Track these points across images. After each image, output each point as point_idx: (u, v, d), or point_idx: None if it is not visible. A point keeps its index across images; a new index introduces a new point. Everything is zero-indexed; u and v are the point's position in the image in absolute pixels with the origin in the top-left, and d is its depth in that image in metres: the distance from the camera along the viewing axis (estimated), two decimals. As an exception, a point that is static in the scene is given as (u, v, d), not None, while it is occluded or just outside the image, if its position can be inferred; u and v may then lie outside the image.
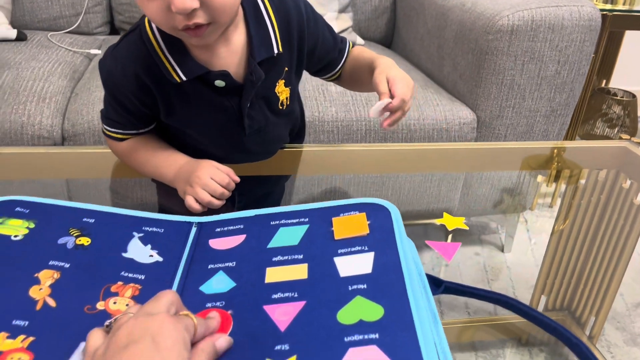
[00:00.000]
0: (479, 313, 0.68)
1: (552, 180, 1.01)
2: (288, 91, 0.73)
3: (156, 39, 0.64)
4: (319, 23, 0.73)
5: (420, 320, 0.42)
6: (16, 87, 1.09)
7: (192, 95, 0.66)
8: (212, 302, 0.47)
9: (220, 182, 0.64)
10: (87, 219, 0.56)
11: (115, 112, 0.69)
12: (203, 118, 0.69)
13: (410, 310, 0.43)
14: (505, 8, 1.13)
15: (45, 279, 0.47)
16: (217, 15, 0.57)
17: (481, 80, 1.18)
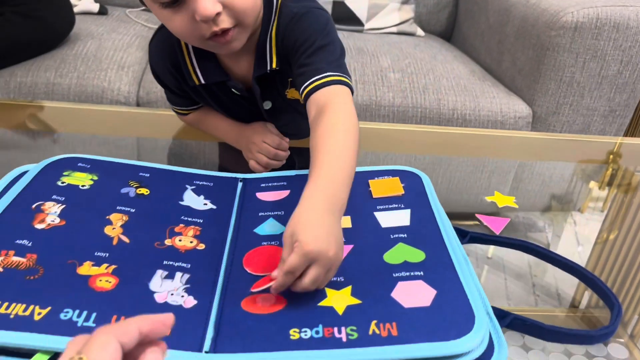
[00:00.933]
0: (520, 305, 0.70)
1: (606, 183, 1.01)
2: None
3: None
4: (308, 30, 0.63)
5: (458, 263, 0.47)
6: (99, 56, 1.18)
7: (218, 94, 0.71)
8: (268, 242, 0.52)
9: (271, 143, 0.70)
10: (143, 174, 0.62)
11: (170, 94, 0.76)
12: (231, 110, 0.74)
13: (449, 254, 0.48)
14: (570, 5, 1.13)
15: (116, 220, 0.53)
16: (240, 16, 0.57)
17: (540, 76, 1.19)
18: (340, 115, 0.55)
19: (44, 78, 1.12)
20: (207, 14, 0.54)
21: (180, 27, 0.57)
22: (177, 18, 0.56)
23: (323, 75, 0.58)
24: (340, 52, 0.63)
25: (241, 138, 0.74)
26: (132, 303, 0.43)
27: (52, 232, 0.50)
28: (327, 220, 0.44)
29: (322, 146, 0.51)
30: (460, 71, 1.29)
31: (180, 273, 0.47)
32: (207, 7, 0.53)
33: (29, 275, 0.44)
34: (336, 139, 0.52)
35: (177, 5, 0.55)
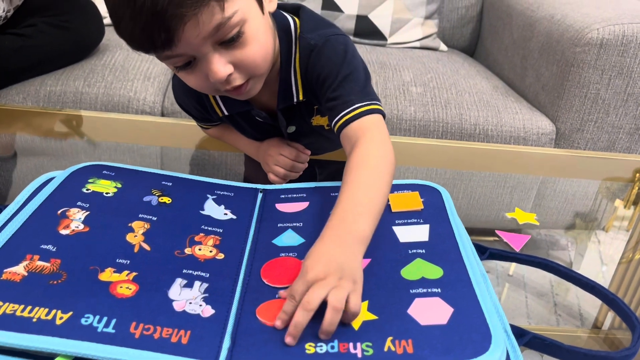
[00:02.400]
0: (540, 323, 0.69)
1: (631, 201, 0.99)
2: (327, 118, 0.70)
3: None
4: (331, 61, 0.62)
5: (475, 280, 0.47)
6: (126, 66, 1.21)
7: (240, 121, 0.72)
8: (285, 253, 0.53)
9: (289, 156, 0.71)
10: (166, 183, 0.63)
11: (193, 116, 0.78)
12: (255, 133, 0.75)
13: (466, 272, 0.48)
14: (596, 21, 1.12)
15: (138, 228, 0.54)
16: (252, 71, 0.57)
17: (564, 92, 1.18)
18: (371, 147, 0.56)
19: (72, 87, 1.15)
20: (219, 77, 0.54)
21: (196, 85, 0.59)
22: (191, 77, 0.57)
23: (352, 108, 0.59)
24: (365, 77, 0.62)
25: (260, 151, 0.75)
26: (151, 310, 0.44)
27: (75, 238, 0.51)
28: (337, 250, 0.45)
29: (349, 180, 0.53)
30: (482, 86, 1.29)
31: (199, 282, 0.48)
32: (218, 72, 0.54)
33: (53, 280, 0.45)
34: (364, 172, 0.53)
35: (190, 67, 0.56)
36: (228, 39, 0.53)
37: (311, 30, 0.64)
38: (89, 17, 1.25)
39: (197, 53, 0.53)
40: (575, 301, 0.89)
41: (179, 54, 0.53)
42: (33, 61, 1.15)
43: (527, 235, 0.69)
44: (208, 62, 0.54)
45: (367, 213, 0.49)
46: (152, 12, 0.48)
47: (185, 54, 0.53)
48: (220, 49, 0.54)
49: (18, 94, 1.14)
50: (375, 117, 0.59)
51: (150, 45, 0.52)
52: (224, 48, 0.54)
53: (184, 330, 0.42)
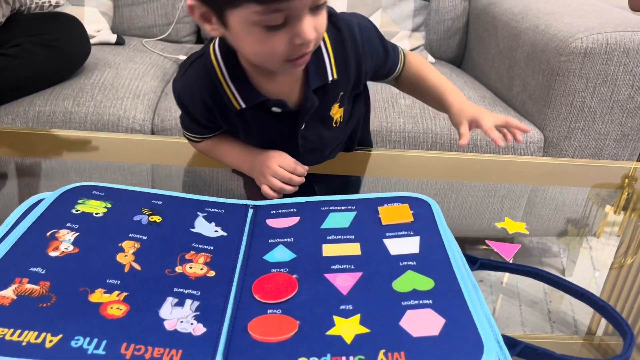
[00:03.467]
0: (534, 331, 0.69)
1: (621, 207, 1.00)
2: (342, 111, 0.76)
3: (220, 68, 0.68)
4: (373, 43, 0.74)
5: (467, 290, 0.47)
6: (115, 85, 1.21)
7: (251, 119, 0.72)
8: (277, 268, 0.52)
9: (287, 168, 0.71)
10: (156, 201, 0.63)
11: (190, 123, 0.77)
12: (261, 138, 0.75)
13: (457, 282, 0.48)
14: (579, 31, 1.14)
15: (128, 248, 0.54)
16: (318, 39, 0.61)
17: (551, 101, 1.19)
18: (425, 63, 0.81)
19: (62, 107, 1.15)
20: (310, 38, 0.58)
21: (274, 49, 0.59)
22: (274, 40, 0.58)
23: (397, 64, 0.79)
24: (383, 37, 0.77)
25: (255, 163, 0.74)
26: (142, 330, 0.43)
27: (65, 260, 0.51)
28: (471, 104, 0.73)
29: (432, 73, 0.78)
30: (470, 96, 1.30)
31: (190, 300, 0.48)
32: (309, 32, 0.57)
33: (42, 302, 0.45)
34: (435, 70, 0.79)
35: (278, 29, 0.57)
36: (320, 4, 0.58)
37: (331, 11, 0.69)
38: (74, 35, 1.25)
39: (300, 12, 0.56)
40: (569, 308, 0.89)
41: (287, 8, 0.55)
42: (20, 81, 1.15)
43: (517, 245, 0.70)
44: (302, 24, 0.57)
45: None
46: None
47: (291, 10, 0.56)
48: (311, 14, 0.57)
49: (7, 115, 1.14)
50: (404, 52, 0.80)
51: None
52: (312, 13, 0.57)
53: (175, 350, 0.42)
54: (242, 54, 0.66)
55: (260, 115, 0.71)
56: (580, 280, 1.02)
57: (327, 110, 0.72)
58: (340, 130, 0.80)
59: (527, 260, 1.16)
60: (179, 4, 1.62)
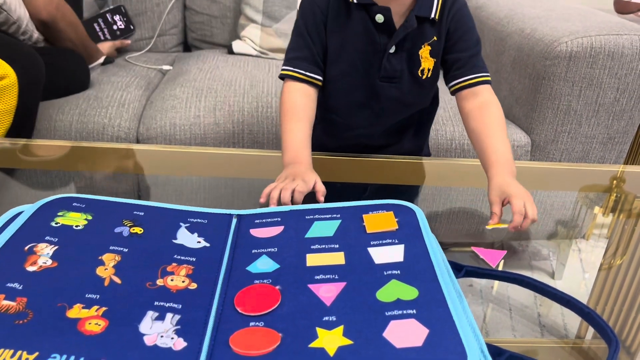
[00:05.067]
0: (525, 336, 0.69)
1: (610, 209, 1.00)
2: (432, 62, 0.82)
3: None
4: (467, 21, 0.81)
5: (451, 299, 0.47)
6: (99, 96, 1.20)
7: (354, 21, 0.78)
8: (260, 280, 0.52)
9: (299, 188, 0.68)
10: (137, 212, 0.62)
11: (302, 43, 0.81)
12: (353, 48, 0.80)
13: (442, 291, 0.48)
14: (564, 34, 1.15)
15: (109, 261, 0.53)
16: None
17: (537, 105, 1.19)
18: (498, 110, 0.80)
19: (46, 115, 1.14)
20: None
21: None
22: None
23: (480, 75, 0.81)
24: None
25: (293, 163, 0.74)
26: (121, 346, 0.42)
27: (43, 275, 0.50)
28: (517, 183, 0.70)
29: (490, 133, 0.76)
30: (457, 101, 1.30)
31: (171, 314, 0.47)
32: None
33: (18, 319, 0.44)
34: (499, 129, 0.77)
35: None
36: None
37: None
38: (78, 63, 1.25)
39: None
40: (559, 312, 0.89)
41: None
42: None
43: (502, 251, 0.69)
44: None
45: (511, 156, 0.74)
46: None
47: None
48: None
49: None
50: (489, 86, 0.82)
51: None
52: None
53: (154, 366, 0.41)
54: None
55: (364, 19, 0.77)
56: (570, 283, 1.02)
57: (418, 47, 0.79)
58: (421, 89, 0.86)
59: (517, 263, 1.16)
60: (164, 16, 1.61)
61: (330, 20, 0.79)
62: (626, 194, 0.98)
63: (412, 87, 0.84)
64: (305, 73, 0.81)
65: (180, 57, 1.59)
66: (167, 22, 1.62)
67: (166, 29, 1.63)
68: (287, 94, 0.81)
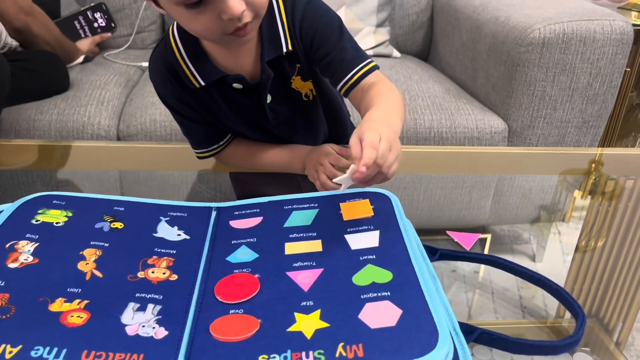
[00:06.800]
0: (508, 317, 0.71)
1: (588, 191, 1.02)
2: (310, 84, 0.75)
3: (178, 47, 0.69)
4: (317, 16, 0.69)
5: (424, 281, 0.48)
6: (78, 94, 1.20)
7: (218, 96, 0.72)
8: (239, 269, 0.53)
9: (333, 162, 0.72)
10: (118, 208, 0.63)
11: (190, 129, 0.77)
12: (233, 114, 0.75)
13: (415, 274, 0.49)
14: (537, 21, 1.17)
15: (90, 256, 0.54)
16: (258, 9, 0.61)
17: (513, 91, 1.21)
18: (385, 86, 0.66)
19: (25, 115, 1.13)
20: (236, 12, 0.57)
21: (204, 26, 0.59)
22: (201, 18, 0.58)
23: (357, 69, 0.68)
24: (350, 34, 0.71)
25: (309, 159, 0.75)
26: (103, 337, 0.43)
27: (25, 271, 0.50)
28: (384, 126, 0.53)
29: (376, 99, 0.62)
30: (435, 90, 1.32)
31: (152, 305, 0.48)
32: (235, 7, 0.57)
33: (1, 314, 0.45)
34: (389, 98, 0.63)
35: (202, 6, 0.57)
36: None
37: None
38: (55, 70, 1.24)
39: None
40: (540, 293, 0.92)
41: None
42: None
43: (476, 234, 0.71)
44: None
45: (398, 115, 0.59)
46: None
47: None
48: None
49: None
50: (376, 73, 0.68)
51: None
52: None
53: (137, 355, 0.42)
54: None
55: (225, 92, 0.72)
56: (551, 265, 1.05)
57: (288, 83, 0.72)
58: (315, 105, 0.79)
59: (499, 247, 1.19)
60: (141, 12, 1.60)
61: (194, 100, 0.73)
62: (604, 176, 1.00)
63: (307, 110, 0.78)
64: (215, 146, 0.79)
65: (159, 53, 1.58)
66: (145, 19, 1.62)
67: (144, 26, 1.63)
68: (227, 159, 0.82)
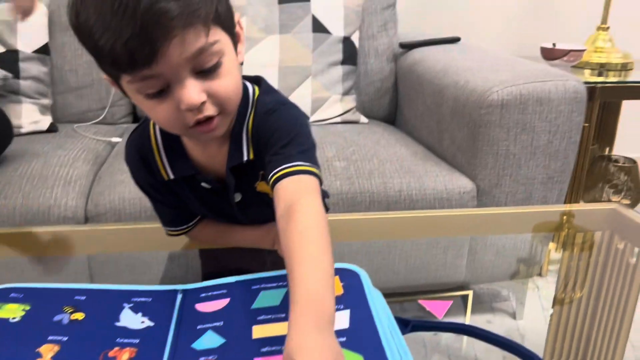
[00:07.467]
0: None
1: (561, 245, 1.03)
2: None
3: (155, 135, 0.68)
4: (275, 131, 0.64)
5: None
6: (44, 174, 1.19)
7: (188, 189, 0.71)
8: (205, 356, 0.51)
9: None
10: (79, 297, 0.61)
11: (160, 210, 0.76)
12: (203, 206, 0.74)
13: (385, 355, 0.48)
14: (495, 84, 1.21)
15: (47, 352, 0.52)
16: (224, 104, 0.58)
17: (478, 151, 1.24)
18: (310, 217, 0.54)
19: (-12, 201, 1.11)
20: (193, 102, 0.55)
21: (165, 117, 0.57)
22: (161, 108, 0.56)
23: (293, 164, 0.59)
24: (312, 145, 0.64)
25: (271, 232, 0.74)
26: None
27: None
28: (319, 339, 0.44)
29: (298, 257, 0.51)
30: (403, 153, 1.34)
31: (111, 403, 0.45)
32: (192, 97, 0.54)
33: None
34: (311, 247, 0.51)
35: (162, 96, 0.55)
36: (207, 68, 0.55)
37: (269, 96, 0.67)
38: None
39: (174, 76, 0.53)
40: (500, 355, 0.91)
41: (156, 75, 0.53)
42: None
43: (448, 301, 0.71)
44: (183, 87, 0.54)
45: (327, 290, 0.48)
46: (141, 23, 0.48)
47: (162, 76, 0.53)
48: (197, 77, 0.55)
49: None
50: (312, 179, 0.59)
51: (131, 60, 0.51)
52: (200, 77, 0.55)
53: None
54: None
55: (195, 187, 0.70)
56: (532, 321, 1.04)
57: (252, 187, 0.71)
58: None
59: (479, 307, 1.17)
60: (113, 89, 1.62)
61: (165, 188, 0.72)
62: (574, 229, 1.02)
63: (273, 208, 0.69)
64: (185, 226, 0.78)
65: (130, 129, 1.59)
66: (116, 93, 1.63)
67: (115, 100, 1.64)
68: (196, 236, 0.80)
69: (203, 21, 0.53)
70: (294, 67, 1.58)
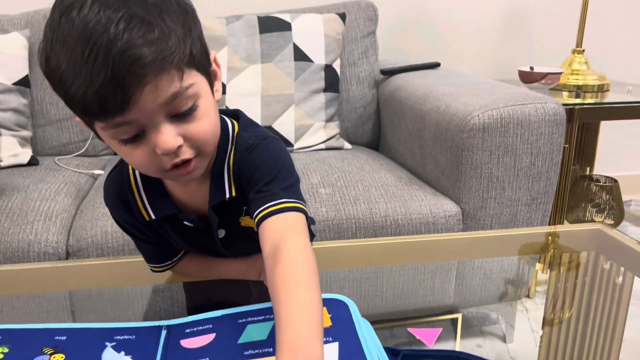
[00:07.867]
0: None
1: (547, 266, 1.04)
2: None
3: (135, 176, 0.67)
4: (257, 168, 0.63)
5: None
6: (24, 209, 1.17)
7: (170, 228, 0.70)
8: None
9: None
10: (59, 337, 0.59)
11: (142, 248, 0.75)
12: (186, 243, 0.73)
13: None
14: (475, 108, 1.23)
15: None
16: (201, 146, 0.58)
17: (461, 175, 1.25)
18: (297, 257, 0.54)
19: (-34, 238, 1.09)
20: (169, 147, 0.54)
21: (141, 161, 0.56)
22: (137, 152, 0.55)
23: (277, 201, 0.59)
24: (296, 179, 0.64)
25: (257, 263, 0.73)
26: None
27: None
28: None
29: (284, 300, 0.50)
30: (387, 179, 1.35)
31: None
32: (168, 141, 0.53)
33: None
34: (299, 290, 0.51)
35: (136, 141, 0.54)
36: (182, 112, 0.54)
37: (248, 131, 0.66)
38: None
39: (148, 122, 0.52)
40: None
41: (130, 121, 0.51)
42: None
43: (438, 329, 0.70)
44: (158, 132, 0.53)
45: (314, 332, 0.47)
46: (112, 71, 0.47)
47: (136, 122, 0.52)
48: (173, 121, 0.54)
49: None
50: (298, 216, 0.59)
51: (103, 108, 0.49)
52: (176, 121, 0.54)
53: None
54: None
55: (177, 225, 0.69)
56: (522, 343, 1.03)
57: (236, 223, 0.70)
58: None
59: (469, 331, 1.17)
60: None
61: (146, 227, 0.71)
62: (560, 250, 1.02)
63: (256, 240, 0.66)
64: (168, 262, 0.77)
65: (112, 161, 1.58)
66: (98, 127, 1.62)
67: (97, 133, 1.63)
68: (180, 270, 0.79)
69: (176, 66, 0.51)
70: (276, 96, 1.59)
